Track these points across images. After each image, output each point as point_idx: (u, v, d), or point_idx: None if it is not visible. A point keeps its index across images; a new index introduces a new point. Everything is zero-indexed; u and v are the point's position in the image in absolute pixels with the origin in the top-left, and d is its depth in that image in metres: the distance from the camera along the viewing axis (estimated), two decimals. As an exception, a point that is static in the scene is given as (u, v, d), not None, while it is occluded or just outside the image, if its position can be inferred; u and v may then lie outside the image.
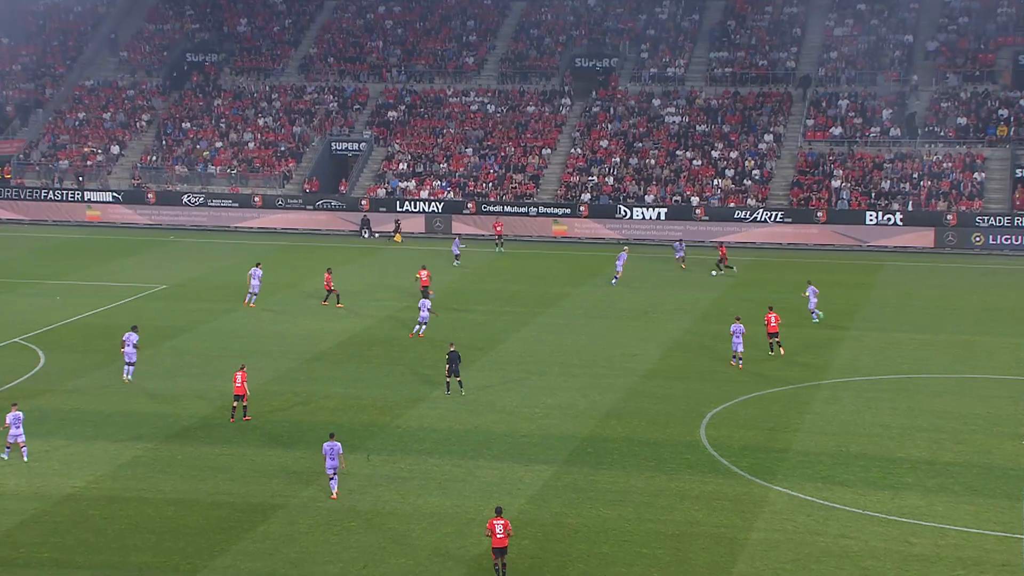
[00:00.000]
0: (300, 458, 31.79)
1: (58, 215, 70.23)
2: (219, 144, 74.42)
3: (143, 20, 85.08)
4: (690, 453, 32.36)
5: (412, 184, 70.31)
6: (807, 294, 46.62)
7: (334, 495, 29.11)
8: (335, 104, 76.52)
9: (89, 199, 70.81)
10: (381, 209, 68.57)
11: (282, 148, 73.67)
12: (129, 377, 38.42)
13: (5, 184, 72.08)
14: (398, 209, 68.37)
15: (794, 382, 38.90)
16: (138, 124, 76.62)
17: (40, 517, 27.95)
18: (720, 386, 38.29)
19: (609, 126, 72.47)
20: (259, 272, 49.55)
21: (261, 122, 75.76)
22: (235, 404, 34.80)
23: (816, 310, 46.37)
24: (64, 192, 71.30)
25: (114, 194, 70.98)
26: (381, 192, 70.04)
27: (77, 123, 76.79)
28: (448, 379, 37.22)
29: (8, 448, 31.59)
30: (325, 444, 29.54)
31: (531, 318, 47.57)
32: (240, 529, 27.57)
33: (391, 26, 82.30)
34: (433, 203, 68.55)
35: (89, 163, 73.53)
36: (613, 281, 53.35)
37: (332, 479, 29.21)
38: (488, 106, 75.15)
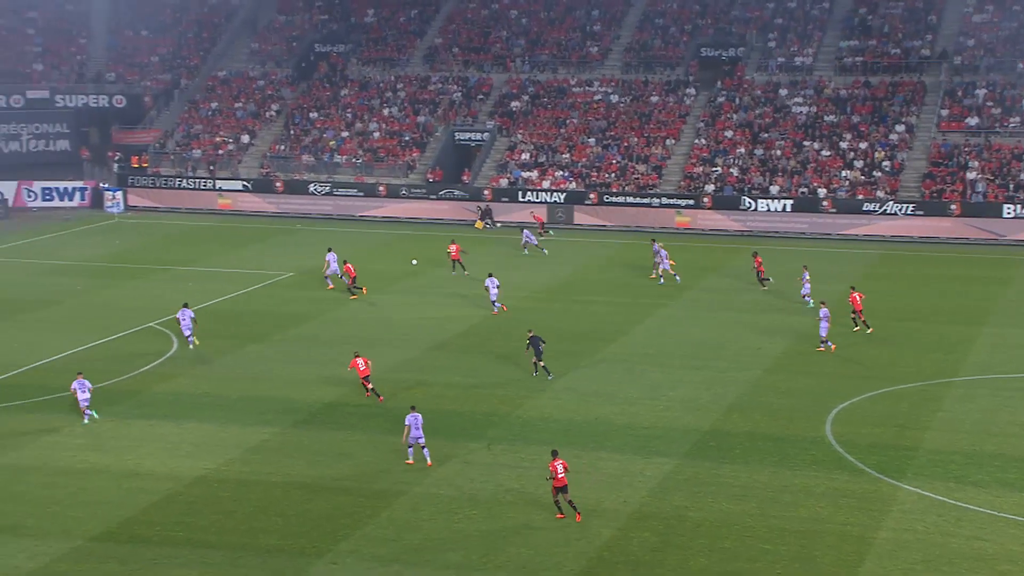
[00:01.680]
0: (425, 446, 32.11)
1: (191, 203, 72.21)
2: (345, 134, 75.63)
3: (274, 11, 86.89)
4: (815, 449, 31.81)
5: (534, 174, 70.45)
6: (802, 279, 47.50)
7: (429, 462, 30.57)
8: (459, 94, 77.09)
9: (220, 188, 72.67)
10: (503, 199, 68.87)
11: (406, 138, 74.54)
12: (193, 342, 41.30)
13: (142, 172, 74.38)
14: (520, 199, 68.56)
15: (925, 379, 37.91)
16: (267, 114, 78.31)
17: (174, 497, 28.88)
18: (846, 382, 37.52)
19: (734, 116, 71.50)
20: (335, 256, 50.92)
21: (386, 112, 76.75)
22: (369, 385, 35.86)
23: (808, 296, 47.08)
24: (196, 180, 73.29)
25: (244, 183, 72.70)
26: (504, 182, 70.35)
27: (210, 113, 78.82)
28: (535, 362, 38.07)
29: (87, 413, 33.84)
30: (408, 416, 30.74)
31: (653, 310, 47.28)
32: (364, 515, 28.05)
33: (516, 16, 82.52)
34: (555, 193, 68.58)
35: (221, 152, 75.44)
36: (660, 278, 51.69)
37: (424, 448, 30.69)
38: (611, 96, 74.84)
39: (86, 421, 33.97)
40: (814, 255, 57.00)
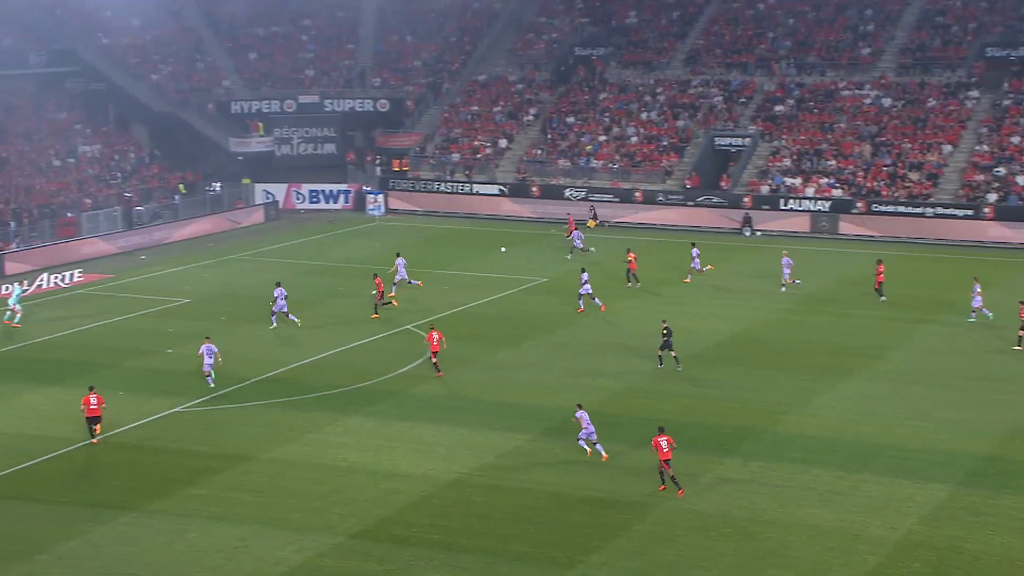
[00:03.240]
0: (676, 460, 32.07)
1: (448, 206, 74.54)
2: (602, 138, 76.27)
3: (534, 15, 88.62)
4: (1107, 486, 29.81)
5: (797, 181, 68.95)
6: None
7: (604, 456, 31.97)
8: (720, 98, 76.39)
9: (477, 191, 74.71)
10: (764, 207, 67.76)
11: (664, 143, 74.47)
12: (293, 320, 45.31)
13: (402, 176, 77.40)
14: (782, 207, 67.31)
15: None
16: (525, 118, 79.92)
17: (429, 499, 29.96)
18: None
19: (1022, 121, 67.74)
20: (403, 261, 51.70)
21: (644, 116, 76.92)
22: (435, 360, 39.54)
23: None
24: (454, 184, 75.62)
25: (500, 187, 74.47)
26: (764, 189, 69.21)
27: (469, 117, 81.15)
28: (660, 353, 39.93)
29: (209, 376, 38.42)
30: (579, 412, 32.35)
31: (917, 326, 45.48)
32: (615, 527, 28.28)
33: (782, 16, 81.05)
34: (819, 202, 66.93)
35: (479, 156, 77.55)
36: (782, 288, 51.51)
37: (596, 444, 32.13)
38: (883, 100, 72.35)
39: (211, 384, 38.44)
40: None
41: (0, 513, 29.07)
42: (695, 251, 54.79)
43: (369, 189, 76.44)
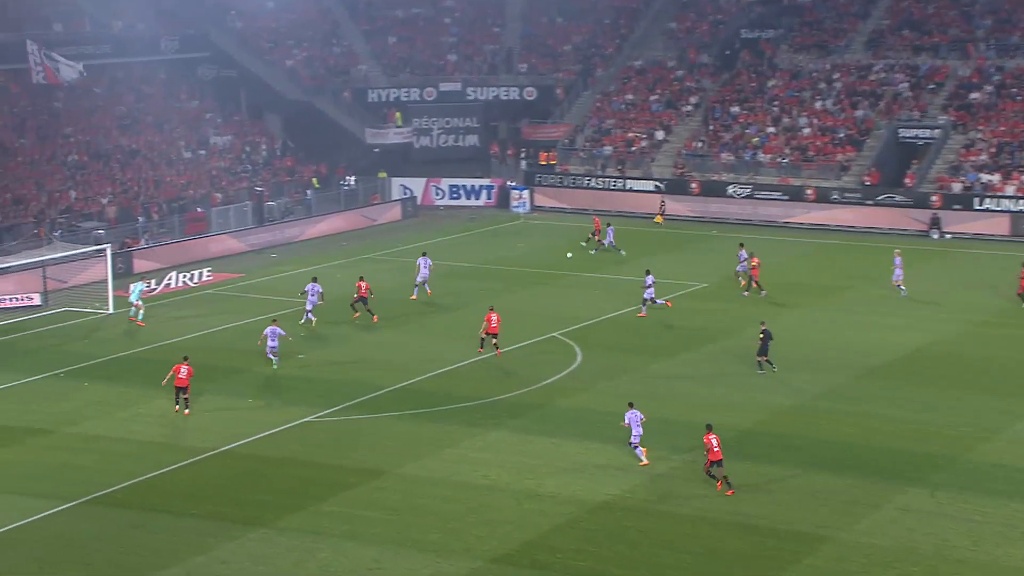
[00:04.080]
0: (852, 486, 31.45)
1: (598, 204, 74.22)
2: (770, 129, 75.20)
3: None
4: None
5: (995, 178, 66.77)
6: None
7: (644, 462, 32.99)
8: (906, 84, 74.52)
9: (631, 187, 74.40)
10: (955, 207, 65.85)
11: (840, 135, 73.01)
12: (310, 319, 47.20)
13: (549, 170, 77.57)
14: (976, 207, 65.33)
15: None
16: (684, 108, 79.30)
17: (576, 523, 29.88)
18: None
19: None
20: (427, 261, 52.43)
21: (819, 105, 75.55)
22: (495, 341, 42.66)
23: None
24: (606, 180, 75.44)
25: (656, 183, 74.02)
26: (956, 187, 67.22)
27: (623, 106, 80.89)
28: (759, 359, 40.79)
29: (275, 358, 41.36)
30: (628, 412, 33.37)
31: None
32: (782, 559, 27.78)
33: (980, -9, 78.79)
34: (1021, 201, 64.71)
35: (633, 149, 77.22)
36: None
37: (637, 448, 33.17)
38: (1095, 85, 69.70)
39: (275, 367, 41.44)
40: None
41: (130, 524, 30.02)
42: (743, 252, 53.92)
43: (513, 184, 76.86)
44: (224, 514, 30.52)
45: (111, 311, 50.46)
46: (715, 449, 31.24)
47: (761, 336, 41.21)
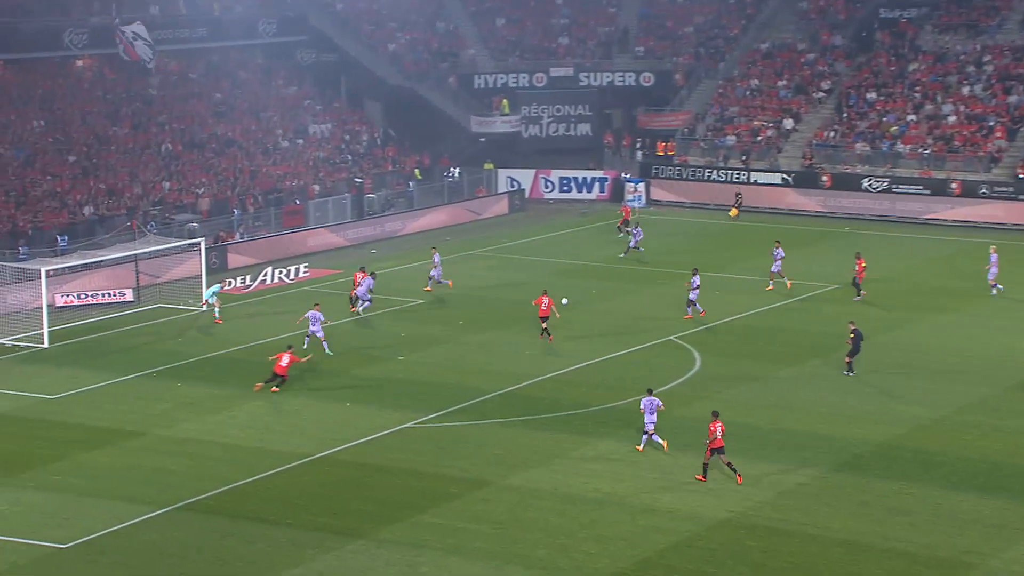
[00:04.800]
0: (1001, 509, 30.86)
1: (720, 198, 73.75)
2: (911, 117, 73.99)
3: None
4: None
5: None
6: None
7: (664, 444, 34.70)
8: (1063, 68, 72.87)
9: (755, 180, 73.76)
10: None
11: (991, 123, 71.56)
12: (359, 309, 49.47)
13: (667, 162, 77.19)
14: None
15: None
16: (816, 94, 78.36)
17: (694, 541, 29.71)
18: None
19: None
20: (439, 257, 53.84)
21: (966, 91, 74.14)
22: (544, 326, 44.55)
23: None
24: (728, 172, 74.88)
25: (783, 175, 73.28)
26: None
27: (748, 93, 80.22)
28: (848, 360, 40.99)
29: (324, 342, 44.68)
30: (644, 399, 34.82)
31: None
32: (923, 587, 27.37)
33: None
34: None
35: (758, 139, 76.53)
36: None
37: (654, 435, 34.72)
38: None
39: (328, 353, 44.38)
40: None
41: (223, 532, 30.56)
42: (778, 251, 53.15)
43: (628, 177, 76.69)
44: (321, 524, 30.93)
45: (204, 308, 51.47)
46: (718, 437, 32.40)
47: (852, 336, 41.15)
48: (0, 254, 54.27)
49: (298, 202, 68.65)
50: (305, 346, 44.70)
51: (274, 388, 40.46)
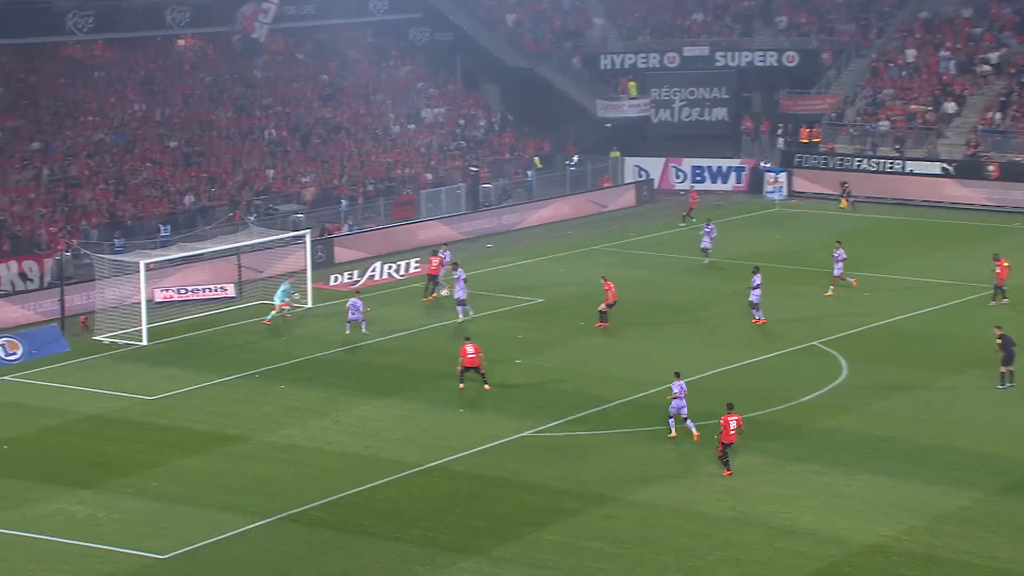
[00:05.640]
0: None
1: (871, 190, 72.50)
2: (1087, 101, 72.28)
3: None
4: None
5: None
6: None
7: (696, 433, 36.47)
8: None
9: (911, 171, 72.59)
10: None
11: None
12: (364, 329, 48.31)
13: (812, 150, 76.28)
14: None
15: None
16: (982, 72, 76.72)
17: (838, 567, 29.37)
18: None
19: None
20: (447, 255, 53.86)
21: None
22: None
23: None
24: (880, 161, 73.78)
25: (943, 165, 72.00)
26: None
27: (905, 72, 78.82)
28: (1003, 370, 40.46)
29: (363, 323, 47.47)
30: (675, 383, 36.72)
31: None
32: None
33: None
34: None
35: (915, 124, 75.23)
36: None
37: (687, 420, 36.55)
38: None
39: (364, 331, 47.38)
40: None
41: (327, 546, 30.92)
42: (839, 252, 52.44)
43: (768, 166, 76.06)
44: (432, 539, 31.14)
45: (310, 305, 52.10)
46: (730, 431, 33.80)
47: (999, 342, 40.70)
48: (98, 245, 55.45)
49: (408, 192, 69.18)
50: (347, 331, 47.66)
51: (486, 387, 41.47)
